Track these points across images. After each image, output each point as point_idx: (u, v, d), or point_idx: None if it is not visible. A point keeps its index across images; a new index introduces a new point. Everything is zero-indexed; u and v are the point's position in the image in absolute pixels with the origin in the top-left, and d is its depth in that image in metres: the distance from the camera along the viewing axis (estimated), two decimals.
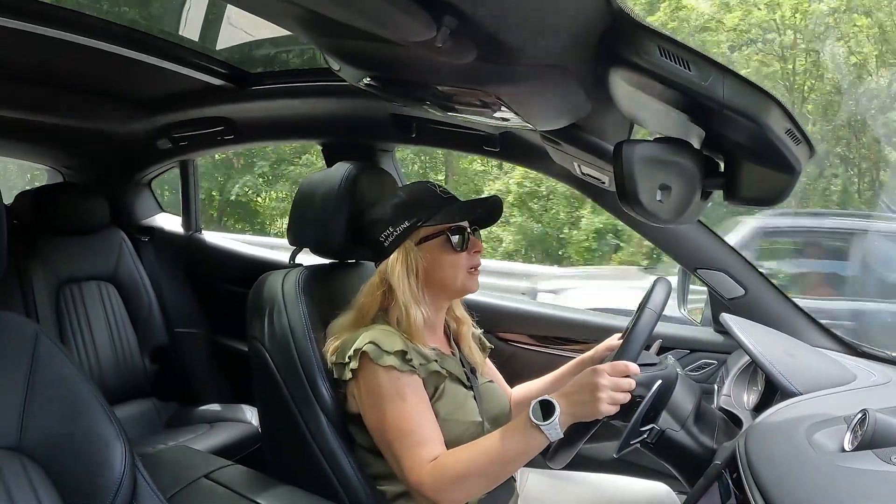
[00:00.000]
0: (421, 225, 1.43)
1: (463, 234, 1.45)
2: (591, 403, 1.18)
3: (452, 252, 1.45)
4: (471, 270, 1.47)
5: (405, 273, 1.43)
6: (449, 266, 1.45)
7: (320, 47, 1.30)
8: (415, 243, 1.44)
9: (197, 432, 2.42)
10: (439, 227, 1.44)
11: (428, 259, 1.44)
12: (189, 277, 3.02)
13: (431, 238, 1.44)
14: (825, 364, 1.47)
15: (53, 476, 1.05)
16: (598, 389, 1.18)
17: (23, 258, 2.46)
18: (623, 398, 1.19)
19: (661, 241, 1.92)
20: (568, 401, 1.21)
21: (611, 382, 1.18)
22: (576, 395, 1.21)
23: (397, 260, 1.43)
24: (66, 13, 1.67)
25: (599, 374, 1.20)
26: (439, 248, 1.45)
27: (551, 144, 1.67)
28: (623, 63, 1.00)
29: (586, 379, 1.21)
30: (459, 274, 1.46)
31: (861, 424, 1.03)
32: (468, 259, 1.47)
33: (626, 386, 1.19)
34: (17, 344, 1.09)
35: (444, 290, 1.48)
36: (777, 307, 1.84)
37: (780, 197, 1.09)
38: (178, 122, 2.59)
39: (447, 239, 1.44)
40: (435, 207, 1.44)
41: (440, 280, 1.46)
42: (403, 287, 1.42)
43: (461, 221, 1.46)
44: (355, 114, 2.18)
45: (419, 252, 1.44)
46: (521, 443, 1.23)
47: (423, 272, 1.44)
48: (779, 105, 0.99)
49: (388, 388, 1.33)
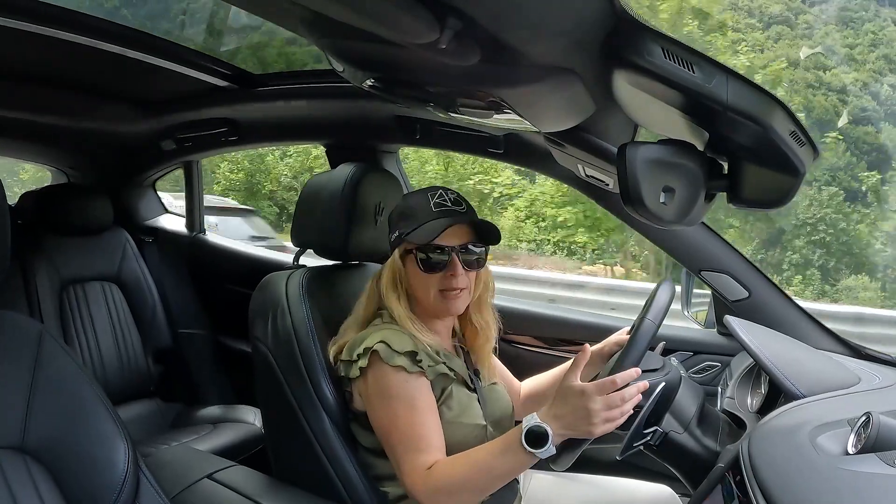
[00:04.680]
0: (404, 238, 1.41)
1: (441, 254, 1.40)
2: (585, 425, 1.16)
3: (420, 272, 1.41)
4: (447, 293, 1.41)
5: (391, 279, 1.43)
6: (420, 285, 1.42)
7: (324, 48, 1.30)
8: (399, 255, 1.43)
9: (200, 433, 2.42)
10: (411, 244, 1.40)
11: (407, 273, 1.43)
12: (193, 278, 3.03)
13: (409, 253, 1.42)
14: (829, 367, 1.47)
15: (56, 476, 1.05)
16: (590, 415, 1.15)
17: (27, 258, 2.47)
18: (618, 413, 1.16)
19: (664, 244, 1.92)
20: (561, 423, 1.18)
21: (602, 404, 1.15)
22: (569, 417, 1.17)
23: (387, 267, 1.44)
24: (71, 14, 1.67)
25: (589, 398, 1.15)
26: (412, 264, 1.42)
27: (555, 146, 1.67)
28: (627, 65, 0.99)
29: (576, 403, 1.17)
30: (430, 294, 1.41)
31: (865, 427, 1.02)
32: (441, 281, 1.40)
33: (619, 400, 1.16)
34: (21, 344, 1.09)
35: (422, 307, 1.45)
36: (781, 309, 1.84)
37: (785, 199, 1.09)
38: (183, 124, 2.60)
39: (415, 257, 1.41)
40: (418, 221, 1.40)
41: (415, 296, 1.44)
42: (388, 292, 1.43)
43: (429, 241, 1.38)
44: (359, 115, 2.18)
45: (400, 264, 1.43)
46: (513, 462, 1.22)
47: (407, 285, 1.44)
48: (783, 107, 0.99)
49: (396, 389, 1.33)
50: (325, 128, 2.36)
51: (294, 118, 2.36)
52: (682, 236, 1.87)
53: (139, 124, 2.63)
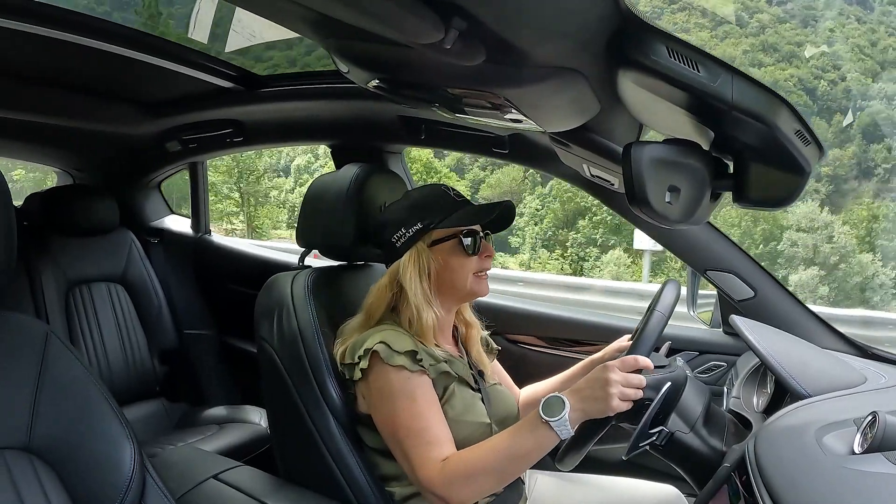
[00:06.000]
0: (433, 227, 1.43)
1: (475, 237, 1.46)
2: (602, 399, 1.18)
3: (464, 255, 1.45)
4: (480, 274, 1.48)
5: (417, 274, 1.43)
6: (459, 269, 1.45)
7: (329, 49, 1.30)
8: (427, 245, 1.44)
9: (206, 433, 2.43)
10: (452, 229, 1.44)
11: (439, 262, 1.45)
12: (198, 279, 3.05)
13: (443, 241, 1.45)
14: (835, 366, 1.46)
15: (62, 476, 1.06)
16: (608, 385, 1.18)
17: (33, 259, 2.48)
18: (634, 394, 1.19)
19: (670, 243, 1.92)
20: (578, 397, 1.21)
21: (621, 378, 1.19)
22: (586, 390, 1.21)
23: (409, 261, 1.44)
24: (75, 16, 1.68)
25: (610, 369, 1.20)
26: (451, 251, 1.45)
27: (560, 146, 1.67)
28: (632, 64, 0.99)
29: (597, 374, 1.21)
30: (469, 277, 1.46)
31: (871, 427, 1.02)
32: (479, 263, 1.47)
33: (637, 382, 1.19)
34: (27, 344, 1.10)
35: (455, 292, 1.48)
36: (787, 309, 1.83)
37: (790, 198, 1.08)
38: (188, 125, 2.61)
39: (459, 242, 1.44)
40: (448, 210, 1.44)
41: (450, 283, 1.46)
42: (415, 288, 1.42)
43: (473, 225, 1.47)
44: (364, 116, 2.19)
45: (431, 254, 1.44)
46: (531, 440, 1.23)
47: (435, 274, 1.45)
48: (788, 106, 0.99)
49: (398, 387, 1.33)
50: (330, 128, 2.36)
51: (299, 119, 2.36)
52: (688, 236, 1.87)
53: (144, 126, 2.64)
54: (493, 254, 1.51)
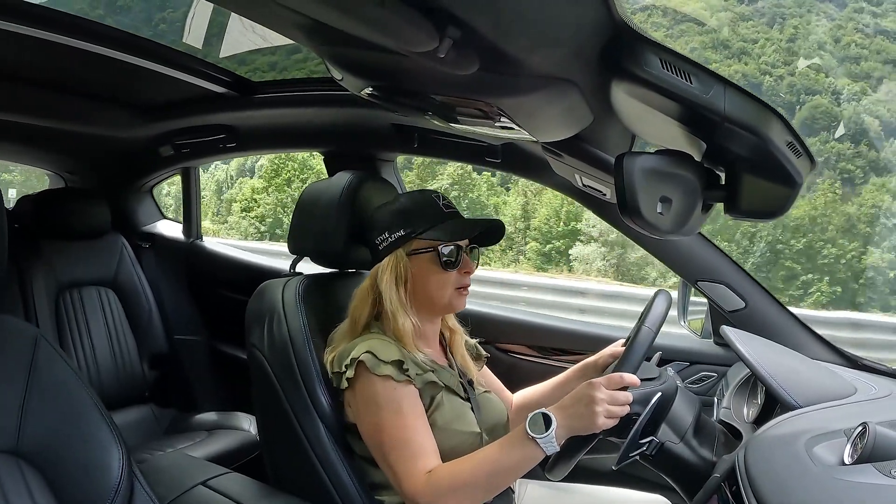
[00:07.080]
0: (415, 236, 1.42)
1: (456, 252, 1.44)
2: (587, 417, 1.18)
3: (440, 269, 1.43)
4: (459, 290, 1.46)
5: (393, 281, 1.42)
6: (435, 283, 1.44)
7: (323, 56, 1.30)
8: (406, 253, 1.43)
9: (195, 439, 2.41)
10: (431, 242, 1.43)
11: (416, 272, 1.43)
12: (189, 284, 3.03)
13: (422, 252, 1.43)
14: (825, 377, 1.47)
15: (50, 480, 1.05)
16: (594, 403, 1.17)
17: (24, 262, 2.46)
18: (620, 411, 1.19)
19: (661, 254, 1.92)
20: (564, 414, 1.21)
21: (607, 396, 1.18)
22: (572, 408, 1.21)
23: (388, 267, 1.43)
24: (70, 18, 1.67)
25: (595, 387, 1.19)
26: (428, 262, 1.43)
27: (553, 156, 1.67)
28: (625, 75, 1.00)
29: (582, 392, 1.21)
30: (446, 292, 1.44)
31: (861, 437, 1.02)
32: (457, 278, 1.45)
33: (623, 399, 1.19)
34: (17, 348, 1.09)
35: (430, 304, 1.47)
36: (777, 320, 1.84)
37: (781, 210, 1.09)
38: (181, 130, 2.60)
39: (437, 255, 1.43)
40: (433, 220, 1.43)
41: (425, 294, 1.45)
42: (391, 294, 1.42)
43: (455, 241, 1.44)
44: (357, 123, 2.19)
45: (409, 263, 1.43)
46: (517, 455, 1.23)
47: (412, 283, 1.44)
48: (780, 118, 0.99)
49: (384, 398, 1.33)
50: (324, 135, 2.36)
51: (292, 125, 2.36)
52: (679, 246, 1.87)
53: (138, 130, 2.63)
54: (472, 270, 1.48)
